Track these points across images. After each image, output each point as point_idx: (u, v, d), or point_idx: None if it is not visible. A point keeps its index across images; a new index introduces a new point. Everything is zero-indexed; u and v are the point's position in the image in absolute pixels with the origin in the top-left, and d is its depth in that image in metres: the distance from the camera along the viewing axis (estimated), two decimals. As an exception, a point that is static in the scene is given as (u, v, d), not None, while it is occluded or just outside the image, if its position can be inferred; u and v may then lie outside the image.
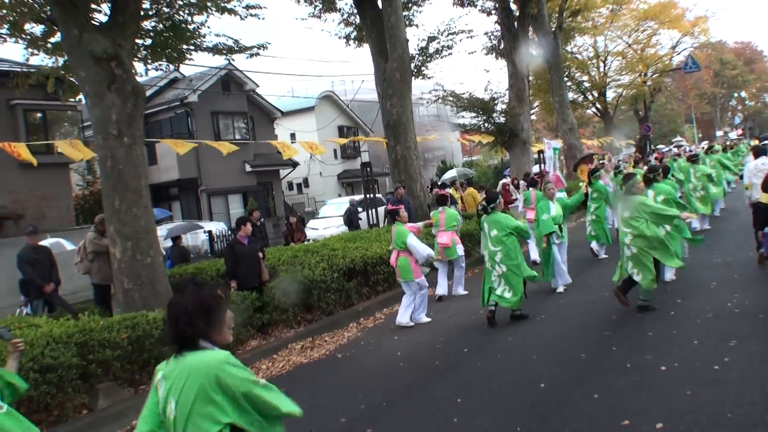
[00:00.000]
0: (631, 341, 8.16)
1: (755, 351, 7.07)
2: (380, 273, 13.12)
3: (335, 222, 26.73)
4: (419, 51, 23.72)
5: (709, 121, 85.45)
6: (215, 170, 32.55)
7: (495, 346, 8.99)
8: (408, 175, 18.19)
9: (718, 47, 65.79)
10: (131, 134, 10.08)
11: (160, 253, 10.56)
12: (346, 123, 46.05)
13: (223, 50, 14.49)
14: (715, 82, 78.80)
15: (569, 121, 31.73)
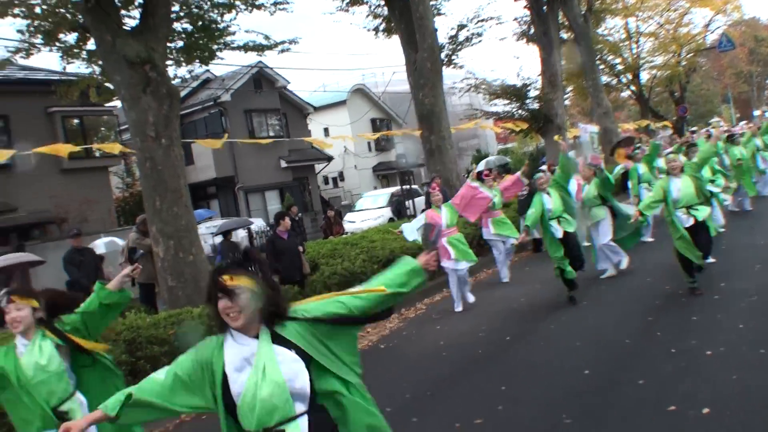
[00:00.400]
0: (676, 326, 8.09)
1: (803, 333, 6.99)
2: (419, 264, 13.11)
3: (372, 214, 26.83)
4: (449, 40, 23.62)
5: (746, 100, 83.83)
6: (251, 167, 32.77)
7: (538, 333, 8.96)
8: (443, 165, 18.16)
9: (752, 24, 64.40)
10: (168, 135, 10.22)
11: (201, 250, 10.69)
12: (378, 115, 46.03)
13: (253, 47, 14.59)
14: (751, 60, 77.21)
15: (604, 105, 31.36)
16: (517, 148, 46.49)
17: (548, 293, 11.22)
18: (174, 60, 13.65)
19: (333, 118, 41.85)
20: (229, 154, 31.33)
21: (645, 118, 45.78)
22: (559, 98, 25.68)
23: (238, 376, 3.08)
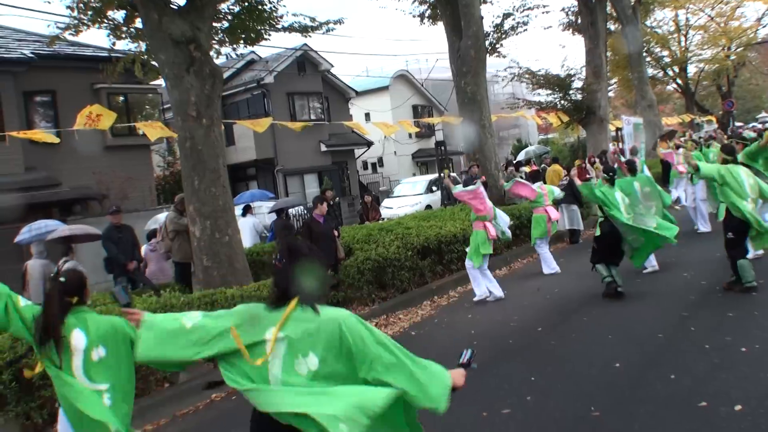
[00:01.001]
0: (711, 322, 7.99)
1: (841, 333, 6.87)
2: (454, 251, 13.13)
3: (410, 201, 26.84)
4: (494, 28, 23.48)
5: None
6: (291, 150, 32.89)
7: (569, 325, 8.92)
8: (482, 153, 18.10)
9: (807, 18, 63.07)
10: (209, 115, 10.29)
11: (237, 231, 10.76)
12: (420, 102, 45.93)
13: (298, 28, 14.60)
14: (804, 55, 75.63)
15: (648, 98, 30.99)
16: (558, 138, 46.07)
17: (582, 285, 11.15)
18: (219, 41, 13.71)
19: (375, 103, 41.85)
20: (269, 136, 31.45)
21: (690, 112, 45.09)
22: (603, 90, 25.45)
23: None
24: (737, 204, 8.93)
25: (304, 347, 3.34)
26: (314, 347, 3.33)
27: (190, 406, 7.71)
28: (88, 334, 4.22)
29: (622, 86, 46.92)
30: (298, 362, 3.33)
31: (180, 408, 7.64)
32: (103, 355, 4.22)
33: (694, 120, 44.89)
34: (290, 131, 23.54)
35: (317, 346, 3.33)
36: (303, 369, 3.32)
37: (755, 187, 9.16)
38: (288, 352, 3.35)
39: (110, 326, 4.30)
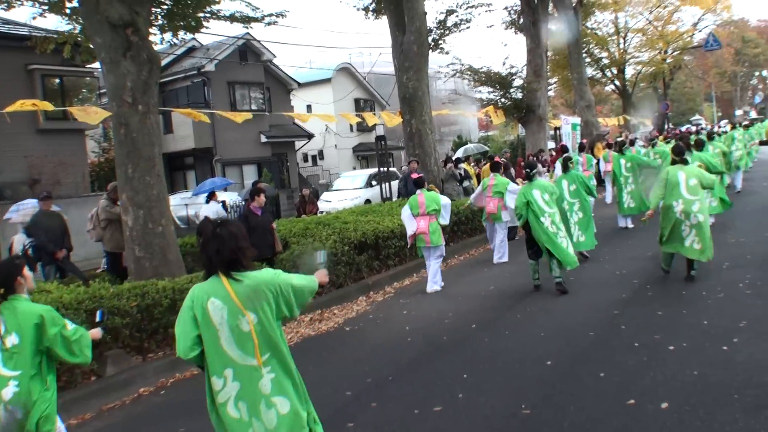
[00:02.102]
0: (641, 320, 8.13)
1: (765, 332, 7.05)
2: (391, 247, 13.12)
3: (349, 195, 26.75)
4: (437, 24, 23.59)
5: (728, 100, 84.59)
6: (231, 140, 32.52)
7: (503, 322, 8.97)
8: (422, 150, 18.11)
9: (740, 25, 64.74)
10: (146, 102, 10.07)
11: (171, 222, 10.57)
12: (362, 95, 45.88)
13: (240, 18, 14.42)
14: (736, 61, 77.68)
15: (587, 98, 31.48)
16: (498, 136, 46.55)
17: (517, 282, 11.27)
18: (159, 26, 13.44)
19: (317, 95, 41.67)
20: (209, 125, 31.04)
21: (627, 113, 46.04)
22: (542, 89, 25.79)
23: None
24: (667, 203, 9.76)
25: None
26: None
27: (117, 400, 7.54)
28: (6, 322, 4.45)
29: (561, 86, 47.62)
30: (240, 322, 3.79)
31: (106, 402, 7.47)
32: (16, 343, 4.44)
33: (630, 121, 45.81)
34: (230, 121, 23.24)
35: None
36: (245, 327, 3.78)
37: (696, 188, 9.59)
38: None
39: (29, 315, 4.46)
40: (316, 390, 4.52)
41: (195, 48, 34.16)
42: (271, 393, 3.79)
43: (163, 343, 8.77)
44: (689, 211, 9.50)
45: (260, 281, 3.83)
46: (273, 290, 3.84)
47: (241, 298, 3.77)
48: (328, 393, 6.68)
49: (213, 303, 3.79)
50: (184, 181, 34.34)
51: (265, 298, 3.80)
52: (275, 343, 3.85)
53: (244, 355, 3.79)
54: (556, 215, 10.41)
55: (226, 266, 3.81)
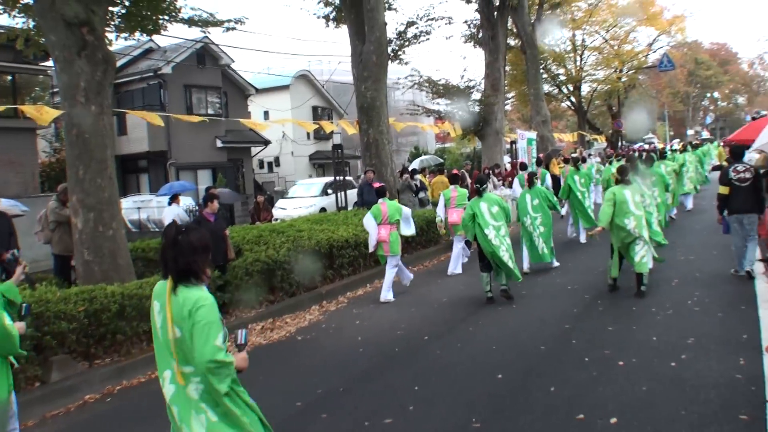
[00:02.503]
0: (591, 335, 8.21)
1: (712, 349, 7.17)
2: (345, 257, 13.07)
3: (304, 203, 26.64)
4: (397, 35, 23.61)
5: (681, 119, 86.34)
6: (186, 144, 32.16)
7: (455, 335, 8.99)
8: (379, 160, 18.10)
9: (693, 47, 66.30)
10: (99, 103, 9.89)
11: (122, 225, 10.39)
12: (320, 103, 45.74)
13: (199, 23, 14.30)
14: (689, 82, 79.44)
15: (543, 113, 31.78)
16: (455, 148, 46.71)
17: (470, 294, 11.32)
18: (115, 26, 13.25)
19: (274, 102, 41.43)
20: (164, 128, 30.65)
21: (581, 130, 46.63)
22: (500, 103, 25.94)
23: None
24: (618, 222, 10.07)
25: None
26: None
27: (62, 407, 7.36)
28: None
29: (518, 101, 48.14)
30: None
31: (51, 409, 7.29)
32: None
33: (585, 137, 46.41)
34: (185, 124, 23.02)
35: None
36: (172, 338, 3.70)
37: (640, 204, 10.11)
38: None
39: None
40: (265, 401, 4.45)
41: (152, 50, 33.72)
42: (199, 399, 3.69)
43: (111, 349, 8.60)
44: (641, 226, 9.91)
45: (188, 305, 3.63)
46: (188, 323, 3.63)
47: (174, 311, 3.68)
48: (278, 404, 6.60)
49: (155, 306, 3.83)
50: (137, 184, 33.83)
51: (186, 321, 3.63)
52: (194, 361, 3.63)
53: (172, 363, 3.74)
54: (501, 228, 10.56)
55: (177, 276, 3.72)
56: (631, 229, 9.90)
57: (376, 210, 11.78)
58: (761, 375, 6.21)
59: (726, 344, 7.31)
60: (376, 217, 11.71)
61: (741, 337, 7.53)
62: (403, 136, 52.59)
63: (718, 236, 13.13)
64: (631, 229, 9.90)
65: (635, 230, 9.89)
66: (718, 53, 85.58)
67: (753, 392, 5.86)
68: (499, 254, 10.34)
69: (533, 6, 33.42)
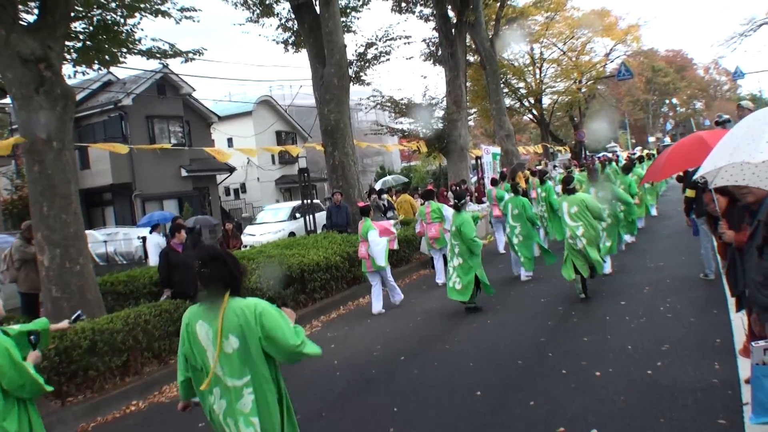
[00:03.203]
0: (567, 347, 8.24)
1: (687, 355, 7.22)
2: (317, 280, 13.02)
3: (273, 228, 26.54)
4: (357, 57, 23.69)
5: (642, 127, 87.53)
6: (150, 175, 32.00)
7: (432, 353, 8.96)
8: (346, 181, 18.07)
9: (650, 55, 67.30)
10: (60, 138, 9.78)
11: (89, 260, 10.25)
12: (284, 128, 45.73)
13: (157, 54, 14.23)
14: (648, 89, 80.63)
15: (506, 128, 31.92)
16: (421, 166, 46.87)
17: (444, 313, 11.31)
18: (73, 60, 13.14)
19: (237, 128, 41.36)
20: (127, 159, 30.49)
21: (545, 142, 47.02)
22: (463, 119, 26.12)
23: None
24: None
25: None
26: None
27: None
28: None
29: (481, 116, 48.41)
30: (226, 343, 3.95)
31: None
32: None
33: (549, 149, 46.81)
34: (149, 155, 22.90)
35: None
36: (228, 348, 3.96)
37: (579, 214, 10.77)
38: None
39: None
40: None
41: (111, 82, 33.55)
42: (250, 413, 3.94)
43: (83, 386, 8.45)
44: (574, 236, 10.73)
45: (249, 313, 3.92)
46: (256, 329, 3.92)
47: (230, 323, 3.91)
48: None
49: (201, 325, 4.02)
50: (102, 217, 33.54)
51: (248, 324, 3.90)
52: (255, 366, 3.96)
53: (226, 376, 3.97)
54: (456, 247, 11.05)
55: (225, 289, 3.98)
56: (567, 237, 10.86)
57: (362, 228, 12.31)
58: (736, 378, 6.26)
59: (700, 349, 7.38)
60: (361, 235, 12.26)
61: (714, 341, 7.60)
62: (369, 157, 52.73)
63: (686, 241, 13.31)
64: (567, 236, 10.88)
65: (570, 239, 10.77)
66: (674, 60, 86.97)
67: (729, 396, 5.91)
68: (449, 272, 11.19)
69: (490, 22, 33.73)
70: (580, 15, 46.34)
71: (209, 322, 3.98)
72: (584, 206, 10.77)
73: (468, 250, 10.85)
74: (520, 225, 13.34)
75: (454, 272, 10.98)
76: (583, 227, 10.65)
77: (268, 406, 3.99)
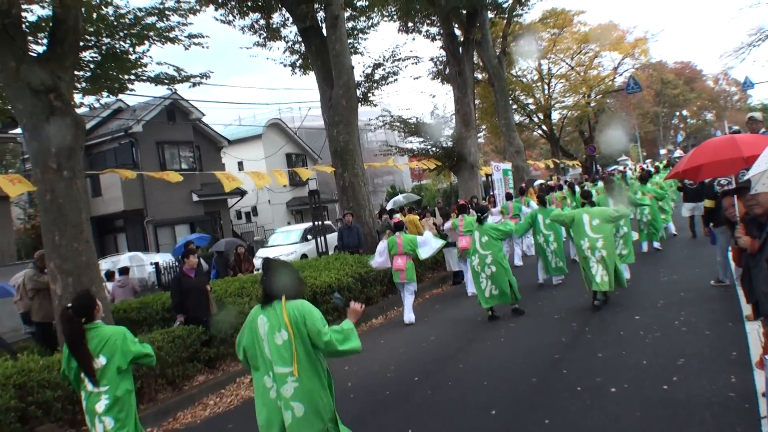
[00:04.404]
0: (581, 364, 8.19)
1: (703, 368, 7.17)
2: (329, 302, 13.00)
3: (285, 250, 26.56)
4: (365, 77, 23.77)
5: (652, 140, 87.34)
6: (161, 200, 32.14)
7: (445, 373, 8.94)
8: (356, 202, 18.15)
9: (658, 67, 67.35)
10: (71, 167, 9.86)
11: (102, 288, 10.32)
12: (293, 150, 45.88)
13: (165, 80, 14.33)
14: (657, 102, 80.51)
15: (516, 144, 32.01)
16: (431, 185, 46.94)
17: (458, 332, 11.29)
18: (82, 89, 13.25)
19: (248, 152, 41.53)
20: (138, 186, 30.67)
21: (556, 157, 46.95)
22: (472, 137, 26.13)
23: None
24: (576, 243, 11.57)
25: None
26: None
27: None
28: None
29: (490, 132, 48.49)
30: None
31: None
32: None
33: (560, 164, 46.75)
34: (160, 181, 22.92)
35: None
36: (279, 340, 4.86)
37: (601, 226, 11.18)
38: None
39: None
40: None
41: (121, 109, 33.84)
42: (291, 397, 4.78)
43: (98, 415, 8.46)
44: (594, 247, 11.08)
45: (298, 313, 4.85)
46: (302, 326, 4.84)
47: (288, 319, 4.81)
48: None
49: (261, 319, 4.94)
50: (114, 244, 33.68)
51: (302, 321, 4.83)
52: (299, 356, 4.82)
53: (276, 364, 4.83)
54: (487, 257, 11.81)
55: (284, 293, 4.93)
56: (585, 249, 11.18)
57: (392, 242, 13.13)
58: (753, 391, 6.22)
59: (716, 363, 7.33)
60: (392, 248, 13.07)
61: (730, 354, 7.55)
62: (379, 176, 52.80)
63: (698, 253, 13.28)
64: (584, 249, 11.19)
65: (588, 251, 11.13)
66: (683, 72, 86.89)
67: (747, 410, 5.87)
68: (478, 280, 11.89)
69: (497, 39, 33.85)
70: (587, 30, 46.47)
71: (267, 317, 4.89)
72: (605, 218, 11.27)
73: (499, 263, 11.73)
74: (553, 233, 14.17)
75: (488, 281, 11.76)
76: (603, 239, 11.08)
77: (311, 393, 4.81)
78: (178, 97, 33.11)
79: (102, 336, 5.55)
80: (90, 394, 5.49)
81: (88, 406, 5.51)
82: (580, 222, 11.41)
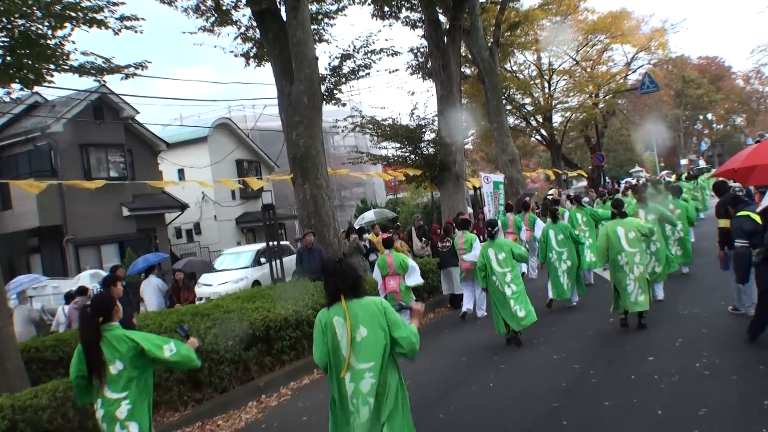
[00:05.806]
0: (584, 413, 8.19)
1: (729, 420, 7.19)
2: (285, 339, 12.90)
3: (234, 276, 26.36)
4: (331, 71, 23.70)
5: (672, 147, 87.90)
6: (85, 215, 31.85)
7: (426, 424, 8.88)
8: (319, 219, 17.95)
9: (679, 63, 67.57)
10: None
11: (10, 322, 10.17)
12: (245, 156, 45.73)
13: (91, 70, 14.22)
14: (678, 103, 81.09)
15: (509, 151, 31.76)
16: (409, 198, 46.88)
17: (440, 375, 11.26)
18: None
19: (190, 157, 41.26)
20: (57, 197, 30.37)
21: (556, 167, 46.90)
22: (458, 143, 26.10)
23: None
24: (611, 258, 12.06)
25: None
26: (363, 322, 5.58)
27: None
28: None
29: (480, 138, 48.55)
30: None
31: None
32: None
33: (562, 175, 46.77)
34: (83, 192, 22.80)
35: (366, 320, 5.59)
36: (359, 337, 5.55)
37: (637, 240, 11.82)
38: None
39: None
40: None
41: (38, 104, 33.53)
42: (368, 393, 5.46)
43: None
44: (632, 263, 11.78)
45: (375, 306, 5.60)
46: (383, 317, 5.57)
47: (361, 316, 5.53)
48: None
49: (337, 320, 5.60)
50: (27, 266, 33.26)
51: (376, 317, 5.54)
52: (377, 353, 5.48)
53: (356, 361, 5.48)
54: (507, 275, 12.41)
55: (351, 291, 5.66)
56: (623, 264, 11.79)
57: (382, 261, 14.01)
58: (788, 447, 6.24)
59: (745, 414, 7.35)
60: (383, 269, 13.91)
61: (762, 403, 7.57)
62: (347, 188, 52.79)
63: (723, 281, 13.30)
64: (623, 265, 11.80)
65: (626, 267, 11.77)
66: (708, 68, 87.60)
67: (780, 469, 5.89)
68: (505, 300, 12.26)
69: (489, 28, 33.92)
70: (595, 18, 46.55)
71: (344, 317, 5.54)
72: (639, 231, 12.00)
73: (519, 276, 12.53)
74: (567, 250, 14.99)
75: (515, 302, 12.19)
76: (639, 254, 11.88)
77: (386, 389, 5.50)
78: (107, 90, 32.83)
79: (119, 339, 6.19)
80: (107, 401, 6.16)
81: (107, 413, 6.13)
82: (615, 235, 11.97)
